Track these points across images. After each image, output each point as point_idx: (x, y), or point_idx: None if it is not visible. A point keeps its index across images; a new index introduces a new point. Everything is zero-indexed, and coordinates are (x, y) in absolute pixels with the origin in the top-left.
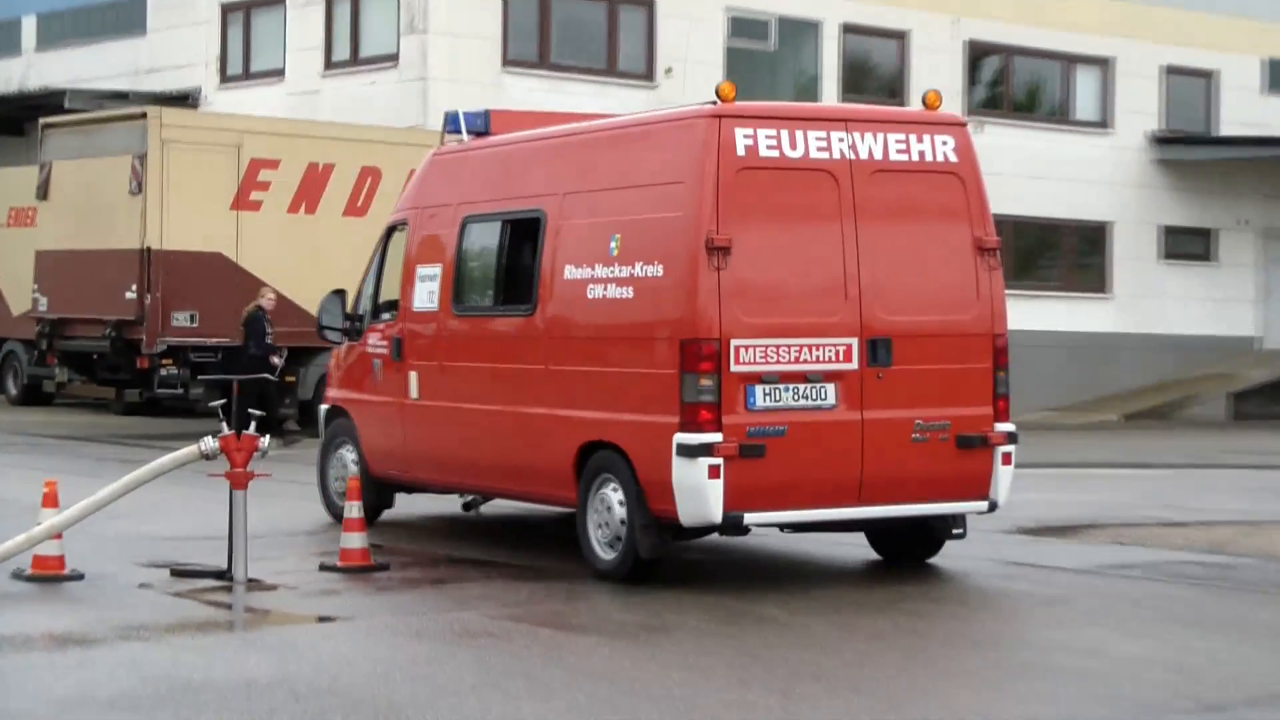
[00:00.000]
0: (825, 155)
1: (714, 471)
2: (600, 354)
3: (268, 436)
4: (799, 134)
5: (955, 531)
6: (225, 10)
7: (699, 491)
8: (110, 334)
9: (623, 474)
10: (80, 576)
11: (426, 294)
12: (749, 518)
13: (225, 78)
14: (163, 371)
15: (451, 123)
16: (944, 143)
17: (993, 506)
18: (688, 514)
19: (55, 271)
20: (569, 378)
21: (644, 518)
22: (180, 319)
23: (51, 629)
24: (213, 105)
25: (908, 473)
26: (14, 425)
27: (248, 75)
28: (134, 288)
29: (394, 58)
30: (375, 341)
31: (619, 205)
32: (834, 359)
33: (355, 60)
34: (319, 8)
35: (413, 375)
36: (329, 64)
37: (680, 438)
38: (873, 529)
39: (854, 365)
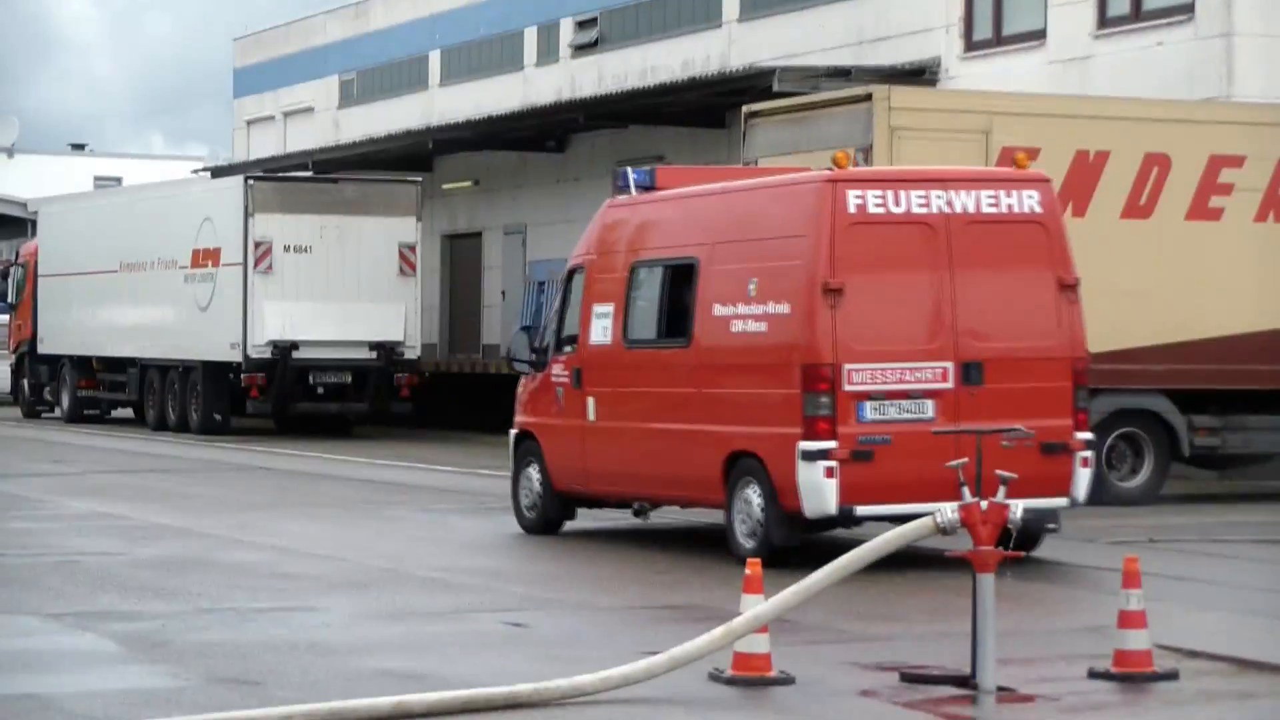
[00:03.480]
0: (925, 210)
1: (830, 473)
2: (741, 378)
3: (1020, 506)
4: (902, 193)
5: (1050, 526)
6: None
7: (818, 489)
8: None
9: (760, 477)
10: (790, 680)
11: (601, 329)
12: (860, 510)
13: (971, 44)
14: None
15: (621, 179)
16: (1030, 196)
17: (1074, 503)
18: (810, 508)
19: None
20: (717, 399)
21: (777, 513)
22: None
23: None
24: (956, 80)
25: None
26: None
27: (999, 40)
28: None
29: (1188, 9)
30: (558, 372)
31: (756, 253)
32: (932, 379)
33: (1137, 15)
34: None
35: (590, 400)
36: (1103, 21)
37: (803, 445)
38: None
39: (950, 385)
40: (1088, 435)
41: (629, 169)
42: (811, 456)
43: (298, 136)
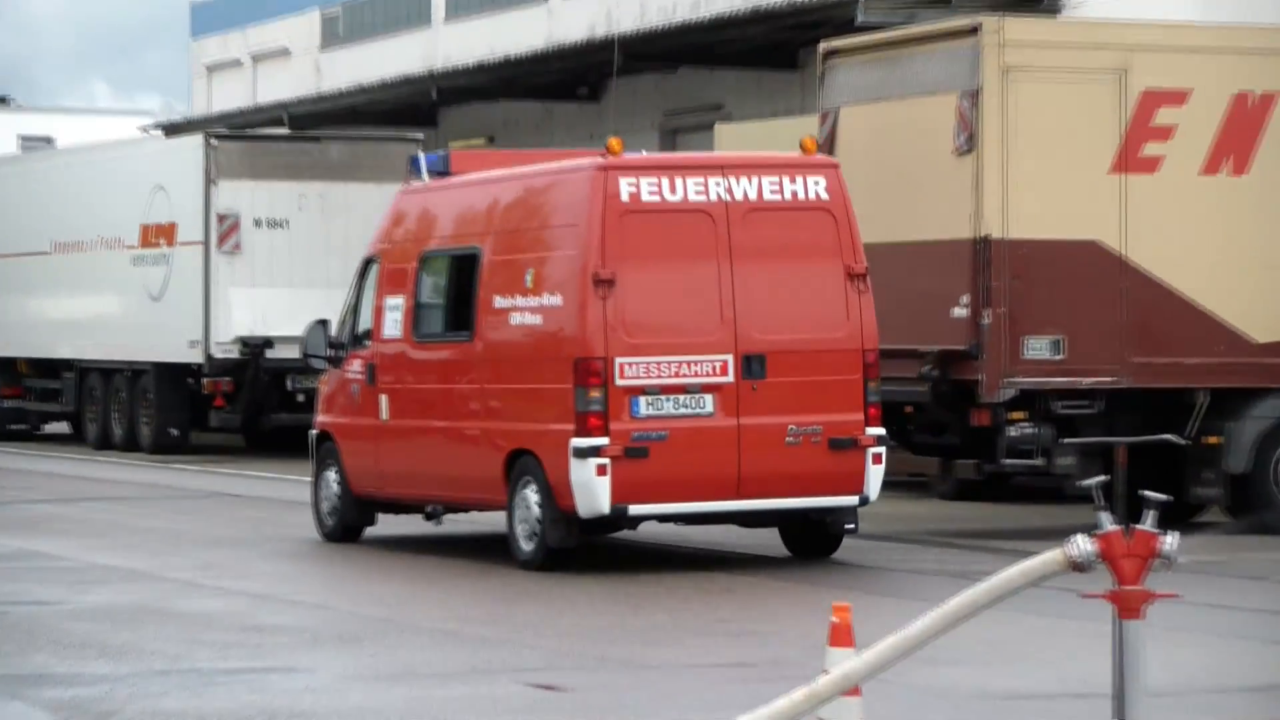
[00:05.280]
0: (703, 198)
1: (602, 470)
2: (519, 373)
3: (1174, 535)
4: (679, 180)
5: (847, 527)
6: None
7: (590, 487)
8: (930, 373)
9: (537, 476)
10: None
11: (393, 323)
12: (634, 509)
13: None
14: (1011, 431)
15: (414, 165)
16: (816, 183)
17: (864, 501)
18: (583, 507)
19: None
20: (498, 395)
21: (553, 513)
22: (1038, 347)
23: None
24: (1083, 7)
25: (783, 471)
26: None
27: None
28: (964, 300)
29: None
30: (355, 368)
31: (532, 243)
32: (711, 373)
33: None
34: None
35: (383, 398)
36: None
37: (575, 442)
38: (752, 522)
39: (730, 378)
40: (879, 430)
41: (421, 153)
42: (583, 454)
43: (271, 85)
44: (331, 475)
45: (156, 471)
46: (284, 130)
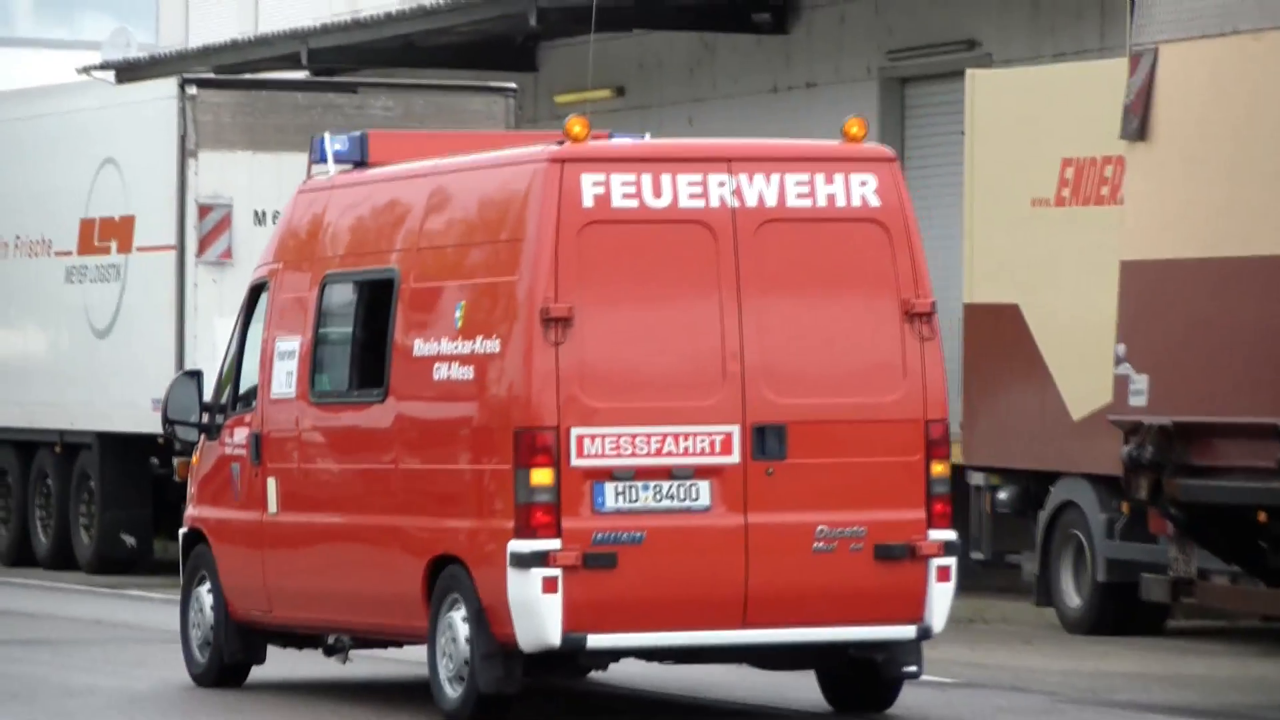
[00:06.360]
0: (700, 203)
1: (550, 585)
2: (444, 449)
3: None
4: (666, 179)
5: (907, 670)
6: None
7: (533, 609)
8: None
9: (467, 593)
10: None
11: (285, 375)
12: (595, 640)
13: None
14: None
15: (318, 149)
16: (862, 182)
17: (924, 633)
18: (524, 637)
19: (1172, 315)
20: (416, 479)
21: (486, 644)
22: None
23: None
24: None
25: (809, 589)
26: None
27: None
28: None
29: None
30: (236, 440)
31: (464, 266)
32: (708, 450)
33: None
34: None
35: (271, 483)
36: None
37: (514, 546)
38: (769, 661)
39: (735, 459)
40: (948, 534)
41: (328, 135)
42: (525, 562)
43: (281, 5)
44: (205, 593)
45: (101, 601)
46: (301, 75)
